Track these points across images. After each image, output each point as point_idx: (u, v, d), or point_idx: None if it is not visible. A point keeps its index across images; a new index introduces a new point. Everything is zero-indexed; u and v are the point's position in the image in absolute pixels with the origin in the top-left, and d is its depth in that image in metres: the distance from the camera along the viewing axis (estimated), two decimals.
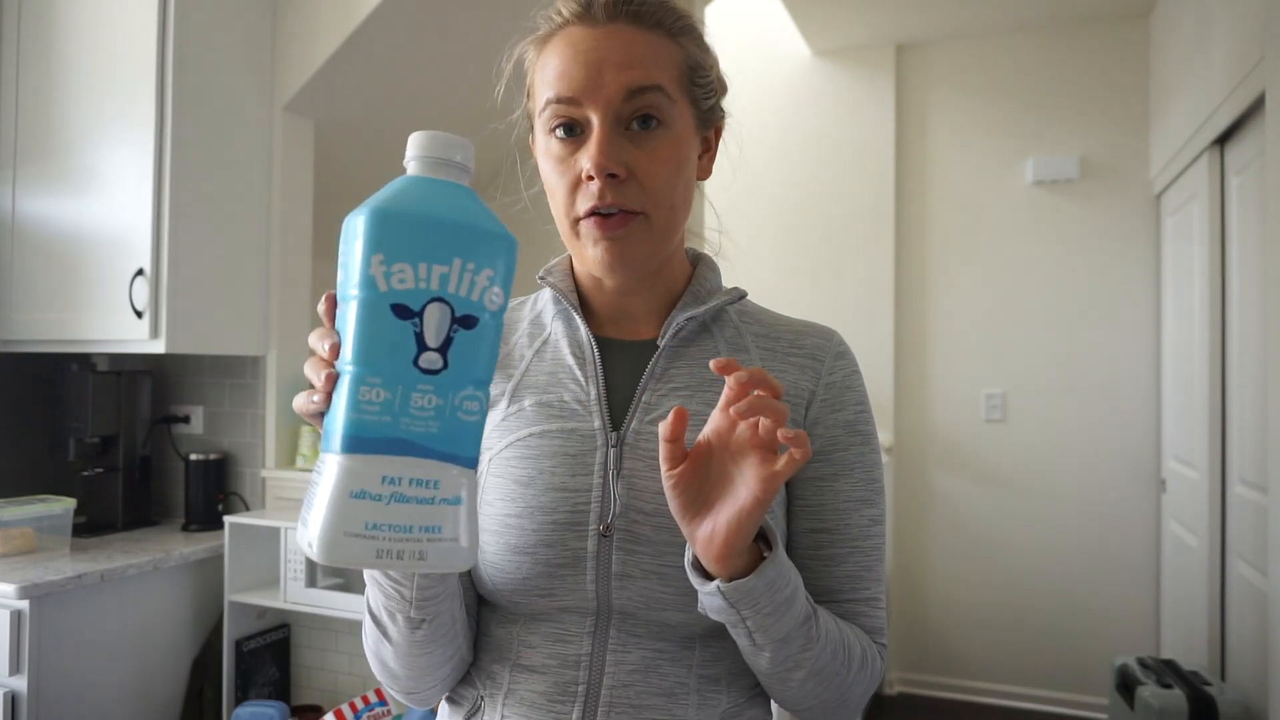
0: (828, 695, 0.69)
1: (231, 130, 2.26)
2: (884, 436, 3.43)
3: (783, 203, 3.67)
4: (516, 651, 0.72)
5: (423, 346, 0.51)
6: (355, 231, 0.52)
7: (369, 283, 0.51)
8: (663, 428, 0.60)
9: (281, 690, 2.25)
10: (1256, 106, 2.12)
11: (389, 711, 1.98)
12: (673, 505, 0.62)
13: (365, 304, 0.51)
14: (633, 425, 0.73)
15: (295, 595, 2.03)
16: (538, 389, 0.76)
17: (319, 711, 2.19)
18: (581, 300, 0.79)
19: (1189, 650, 2.66)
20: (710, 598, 0.62)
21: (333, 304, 0.54)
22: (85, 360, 2.35)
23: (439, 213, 0.52)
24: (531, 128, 0.76)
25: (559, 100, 0.69)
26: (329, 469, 0.51)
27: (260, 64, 2.34)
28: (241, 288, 2.30)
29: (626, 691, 0.69)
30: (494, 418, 0.77)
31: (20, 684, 1.73)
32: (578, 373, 0.76)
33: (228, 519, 2.11)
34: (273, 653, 2.23)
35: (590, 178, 0.68)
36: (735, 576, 0.61)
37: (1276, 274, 1.89)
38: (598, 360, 0.76)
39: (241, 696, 2.13)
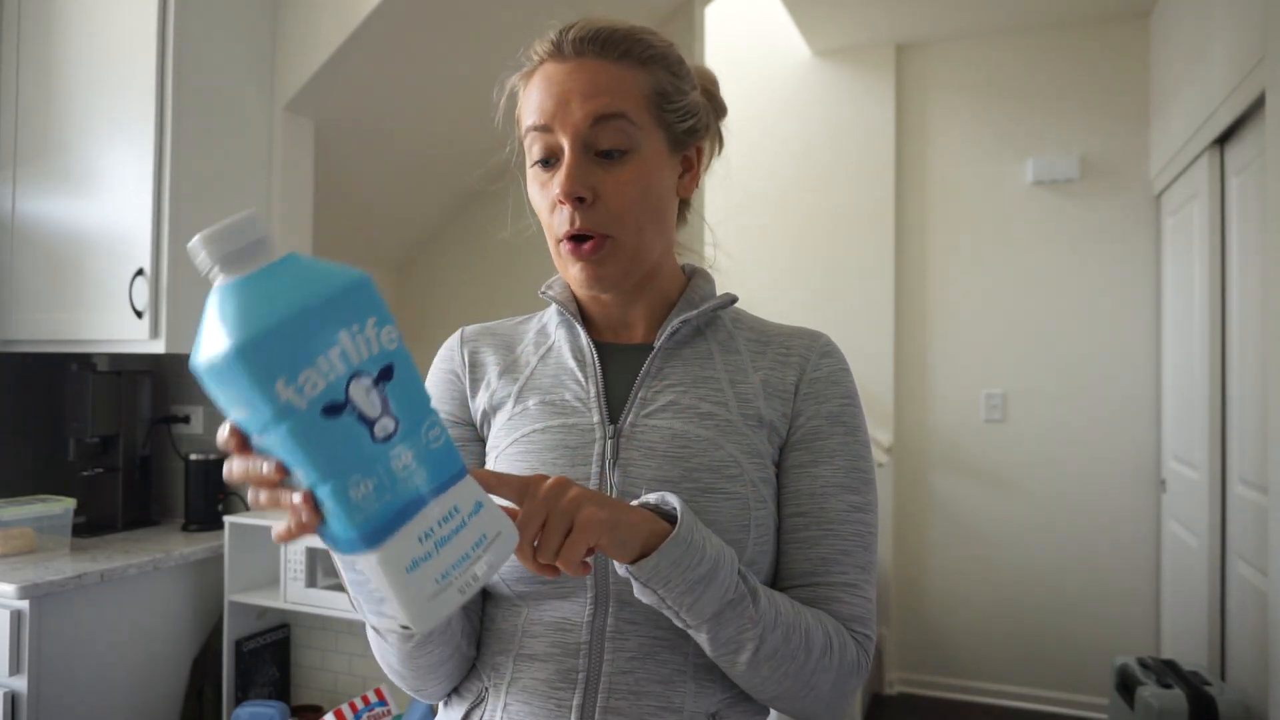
0: (788, 682, 0.70)
1: (231, 130, 2.26)
2: (884, 437, 3.43)
3: (782, 203, 3.67)
4: (520, 642, 0.75)
5: (369, 422, 0.51)
6: (233, 373, 0.48)
7: (288, 409, 0.48)
8: None
9: (281, 690, 2.25)
10: (1256, 106, 2.12)
11: (389, 711, 1.98)
12: None
13: (297, 427, 0.49)
14: (629, 419, 0.77)
15: (295, 595, 2.03)
16: (541, 390, 0.81)
17: (319, 711, 2.19)
18: (581, 311, 0.85)
19: (1189, 650, 2.66)
20: (633, 582, 0.65)
21: (239, 437, 0.52)
22: (85, 360, 2.35)
23: (296, 305, 0.49)
24: (523, 148, 0.81)
25: (534, 129, 0.75)
26: (371, 566, 0.52)
27: (260, 64, 2.34)
28: None
29: (626, 678, 0.71)
30: (500, 418, 0.82)
31: (20, 684, 1.73)
32: (578, 374, 0.81)
33: (228, 519, 2.11)
34: (273, 653, 2.23)
35: (562, 202, 0.74)
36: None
37: (1276, 274, 1.89)
38: (597, 362, 0.81)
39: (241, 696, 2.13)
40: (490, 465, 0.79)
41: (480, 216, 3.76)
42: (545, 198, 0.76)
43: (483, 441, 0.84)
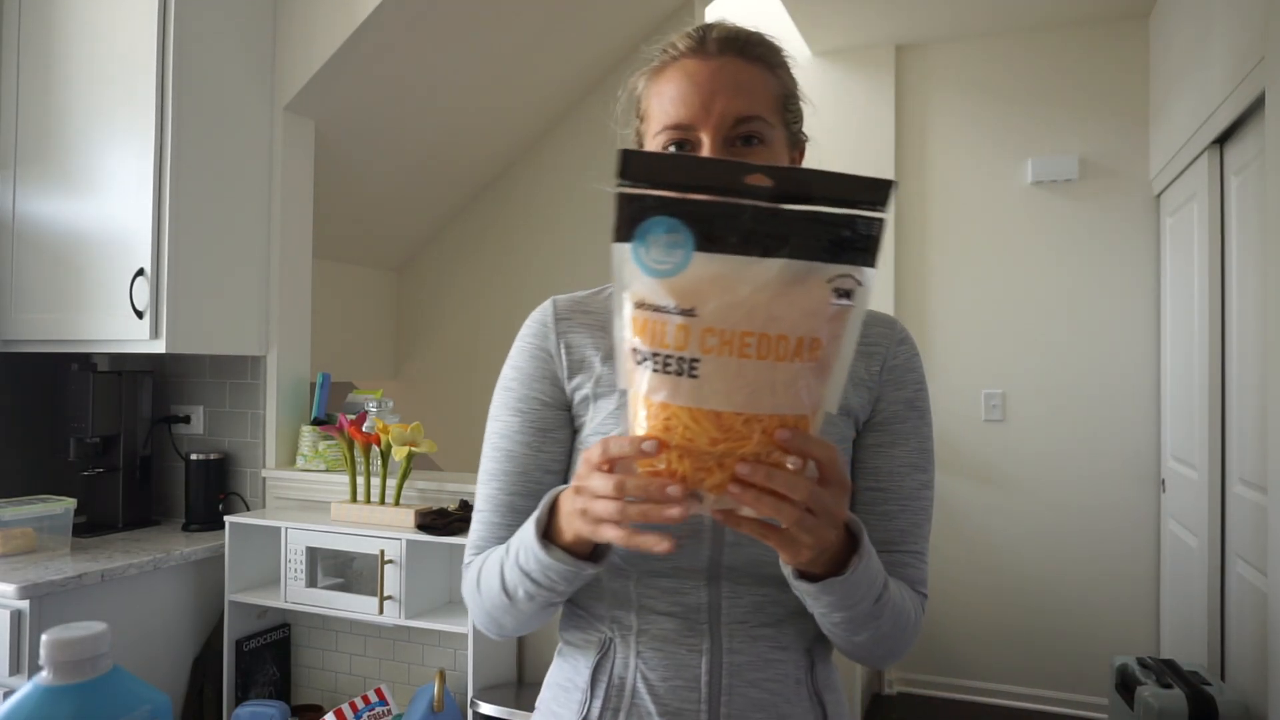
0: (880, 650, 0.78)
1: (231, 130, 2.26)
2: None
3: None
4: (638, 600, 0.80)
5: None
6: None
7: None
8: None
9: (282, 690, 2.25)
10: (1256, 106, 2.12)
11: (389, 711, 1.98)
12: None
13: None
14: None
15: (295, 595, 2.03)
16: None
17: (319, 711, 2.19)
18: None
19: (1189, 650, 2.66)
20: (802, 595, 0.70)
21: None
22: (86, 360, 2.35)
23: None
24: (640, 145, 0.83)
25: (675, 125, 0.78)
26: None
27: (260, 64, 2.34)
28: (241, 288, 2.30)
29: (742, 627, 0.79)
30: (606, 405, 0.82)
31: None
32: None
33: (228, 519, 2.11)
34: (273, 652, 2.23)
35: None
36: (829, 570, 0.67)
37: (1276, 274, 1.89)
38: None
39: (242, 696, 2.13)
40: None
41: (480, 216, 3.76)
42: None
43: (571, 425, 0.85)
